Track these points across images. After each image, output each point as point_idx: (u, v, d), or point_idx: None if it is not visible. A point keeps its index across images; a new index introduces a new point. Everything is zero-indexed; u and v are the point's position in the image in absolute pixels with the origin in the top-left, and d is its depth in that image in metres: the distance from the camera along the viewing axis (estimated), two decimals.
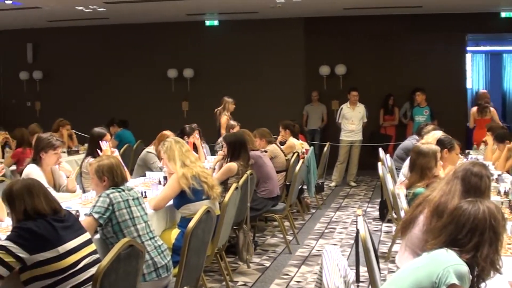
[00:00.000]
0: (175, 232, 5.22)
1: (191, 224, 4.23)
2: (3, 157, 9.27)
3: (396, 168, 7.94)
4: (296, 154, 8.57)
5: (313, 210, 9.58)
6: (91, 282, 3.34)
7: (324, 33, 13.95)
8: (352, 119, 11.81)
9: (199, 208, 4.53)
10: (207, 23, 14.50)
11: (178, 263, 4.29)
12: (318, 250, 7.25)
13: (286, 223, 7.92)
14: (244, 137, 6.96)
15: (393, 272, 5.45)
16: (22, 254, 3.28)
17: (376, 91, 13.50)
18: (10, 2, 11.86)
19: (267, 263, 6.73)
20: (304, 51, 14.17)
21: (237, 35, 14.37)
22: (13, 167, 8.47)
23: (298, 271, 6.44)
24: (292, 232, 7.81)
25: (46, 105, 15.77)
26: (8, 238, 3.34)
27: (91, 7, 12.54)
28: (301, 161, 8.00)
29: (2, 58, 16.43)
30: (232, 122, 9.64)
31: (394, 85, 13.60)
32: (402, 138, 11.45)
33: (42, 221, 3.40)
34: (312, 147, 9.92)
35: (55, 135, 6.08)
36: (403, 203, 5.38)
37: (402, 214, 5.44)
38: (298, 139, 9.78)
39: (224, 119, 10.35)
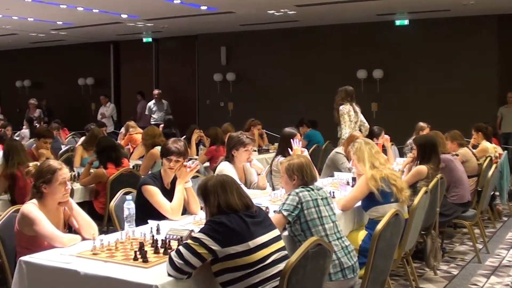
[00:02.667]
0: (362, 233, 5.18)
1: (379, 227, 4.17)
2: (197, 154, 9.74)
3: None
4: (488, 159, 8.17)
5: (505, 218, 9.07)
6: (278, 278, 3.38)
7: None
8: None
9: (387, 211, 4.46)
10: (397, 22, 14.25)
11: (365, 264, 4.25)
12: (509, 261, 6.85)
13: (476, 231, 7.56)
14: (436, 140, 6.74)
15: None
16: (214, 246, 3.40)
17: None
18: (206, 7, 12.44)
19: (455, 271, 6.47)
20: (498, 50, 13.46)
21: (428, 34, 13.98)
22: (207, 164, 8.87)
23: (487, 282, 6.11)
24: (482, 240, 7.44)
25: (238, 106, 16.35)
26: (202, 231, 3.48)
27: (282, 10, 12.82)
28: (494, 165, 7.59)
29: (198, 61, 17.27)
30: (422, 124, 9.39)
31: None
32: None
33: (234, 215, 3.50)
34: (505, 151, 9.40)
35: (247, 134, 6.26)
36: None
37: None
38: (491, 143, 9.29)
39: None
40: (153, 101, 15.99)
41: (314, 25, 14.83)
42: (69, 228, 4.43)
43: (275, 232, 3.66)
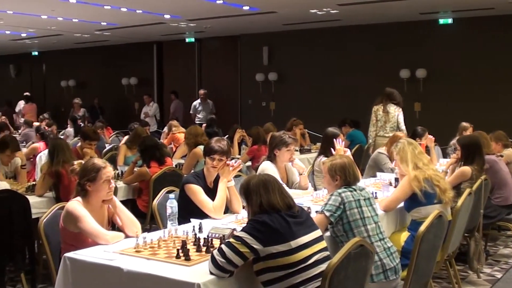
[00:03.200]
0: (405, 235, 5.13)
1: (422, 228, 4.13)
2: (239, 154, 9.77)
3: None
4: None
5: None
6: (320, 278, 3.37)
7: None
8: None
9: (430, 212, 4.42)
10: (441, 21, 14.08)
11: (407, 266, 4.21)
12: None
13: None
14: (480, 140, 6.64)
15: None
16: (256, 245, 3.40)
17: None
18: (248, 7, 12.48)
19: (499, 275, 6.36)
20: None
21: (472, 33, 13.76)
22: (249, 163, 8.90)
23: None
24: None
25: (280, 105, 16.36)
26: (244, 230, 3.49)
27: (324, 9, 12.78)
28: None
29: (241, 61, 17.33)
30: (465, 124, 9.26)
31: None
32: None
33: (276, 215, 3.50)
34: None
35: (289, 133, 6.26)
36: None
37: None
38: None
39: None
40: (199, 100, 16.13)
41: (357, 24, 14.74)
42: (112, 225, 4.50)
43: (317, 233, 3.65)
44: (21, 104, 18.93)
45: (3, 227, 5.28)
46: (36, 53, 21.55)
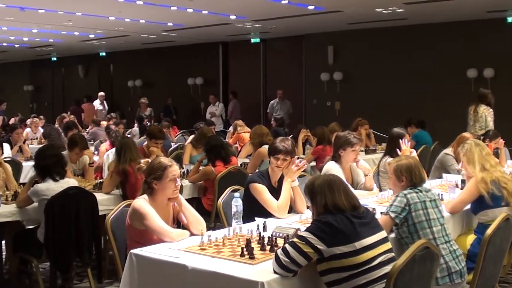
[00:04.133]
0: (471, 237, 5.03)
1: (489, 231, 4.05)
2: (304, 153, 9.75)
3: None
4: None
5: None
6: (384, 280, 3.34)
7: None
8: None
9: (497, 215, 4.32)
10: (509, 19, 13.72)
11: (473, 270, 4.14)
12: None
13: None
14: None
15: None
16: (320, 246, 3.39)
17: None
18: (313, 7, 12.45)
19: None
20: None
21: None
22: (313, 163, 8.87)
23: None
24: None
25: (345, 105, 16.26)
26: (308, 230, 3.48)
27: (390, 8, 12.64)
28: None
29: (305, 61, 17.30)
30: None
31: None
32: None
33: (341, 216, 3.49)
34: None
35: (354, 133, 6.22)
36: None
37: None
38: None
39: None
40: (276, 99, 16.17)
41: (423, 23, 14.51)
42: (177, 223, 4.56)
43: (382, 234, 3.61)
44: (96, 104, 19.41)
45: (71, 223, 5.42)
46: (104, 53, 22.02)
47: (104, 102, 19.53)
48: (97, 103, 19.38)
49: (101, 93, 19.65)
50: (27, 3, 12.31)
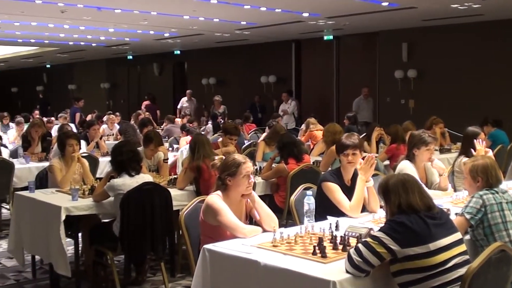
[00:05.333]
0: None
1: None
2: (377, 152, 9.65)
3: None
4: None
5: None
6: (459, 283, 3.30)
7: None
8: None
9: None
10: None
11: None
12: None
13: None
14: None
15: None
16: (394, 246, 3.36)
17: None
18: (387, 3, 12.29)
19: None
20: None
21: None
22: (387, 162, 8.77)
23: None
24: None
25: (419, 103, 15.98)
26: (382, 230, 3.45)
27: (466, 4, 12.35)
28: None
29: (379, 58, 17.10)
30: None
31: None
32: None
33: (415, 216, 3.44)
34: None
35: (428, 132, 6.12)
36: None
37: None
38: None
39: None
40: (361, 97, 16.05)
41: (500, 18, 14.09)
42: (250, 219, 4.59)
43: (456, 236, 3.54)
44: (183, 101, 19.76)
45: (146, 218, 5.53)
46: (178, 52, 22.33)
47: (193, 98, 19.84)
48: (184, 100, 19.74)
49: (189, 90, 20.06)
50: (104, 3, 12.62)
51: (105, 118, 14.67)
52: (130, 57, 24.41)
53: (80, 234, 5.95)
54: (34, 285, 6.18)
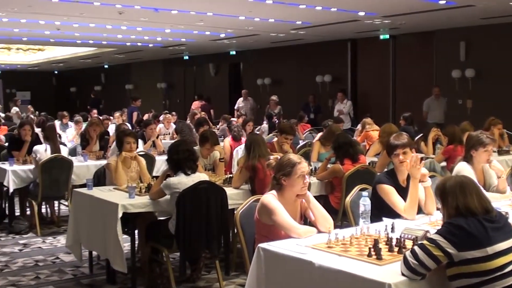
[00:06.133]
0: None
1: None
2: (434, 153, 9.53)
3: None
4: None
5: None
6: None
7: None
8: None
9: None
10: None
11: None
12: None
13: None
14: None
15: None
16: (451, 249, 3.31)
17: None
18: (444, 2, 12.12)
19: None
20: None
21: None
22: (443, 164, 8.65)
23: None
24: None
25: (477, 103, 15.68)
26: (438, 233, 3.40)
27: None
28: None
29: (436, 57, 16.86)
30: None
31: None
32: None
33: (473, 219, 3.38)
34: None
35: (486, 133, 6.01)
36: None
37: None
38: None
39: None
40: (432, 97, 15.81)
41: None
42: (304, 219, 4.59)
43: None
44: (240, 101, 19.91)
45: (201, 216, 5.60)
46: (234, 52, 22.44)
47: (249, 98, 19.95)
48: (240, 100, 19.88)
49: (244, 90, 20.27)
50: (161, 4, 12.78)
51: (161, 118, 14.87)
52: (186, 57, 24.65)
53: (136, 231, 6.07)
54: (91, 280, 6.32)
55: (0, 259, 7.12)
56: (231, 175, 6.95)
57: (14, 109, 21.08)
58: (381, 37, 17.85)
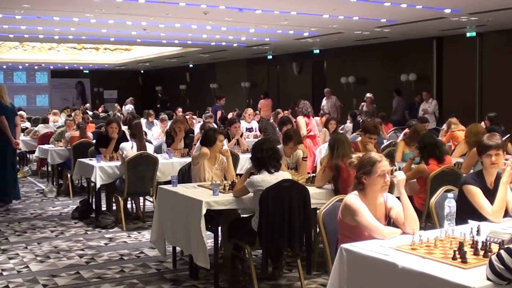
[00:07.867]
0: None
1: None
2: None
3: None
4: None
5: None
6: None
7: None
8: None
9: None
10: None
11: None
12: None
13: None
14: None
15: None
16: None
17: None
18: None
19: None
20: None
21: None
22: None
23: None
24: None
25: None
26: None
27: None
28: None
29: None
30: None
31: None
32: None
33: None
34: None
35: None
36: None
37: None
38: None
39: None
40: None
41: None
42: (389, 220, 4.55)
43: None
44: (324, 100, 19.93)
45: (284, 214, 5.61)
46: (317, 51, 22.38)
47: (332, 96, 19.95)
48: (324, 99, 19.91)
49: (327, 89, 20.29)
50: (245, 4, 12.91)
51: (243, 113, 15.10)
52: (270, 56, 24.77)
53: (219, 228, 6.16)
54: (174, 275, 6.46)
55: (86, 252, 7.37)
56: (314, 174, 6.95)
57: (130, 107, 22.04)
58: (468, 34, 17.42)
